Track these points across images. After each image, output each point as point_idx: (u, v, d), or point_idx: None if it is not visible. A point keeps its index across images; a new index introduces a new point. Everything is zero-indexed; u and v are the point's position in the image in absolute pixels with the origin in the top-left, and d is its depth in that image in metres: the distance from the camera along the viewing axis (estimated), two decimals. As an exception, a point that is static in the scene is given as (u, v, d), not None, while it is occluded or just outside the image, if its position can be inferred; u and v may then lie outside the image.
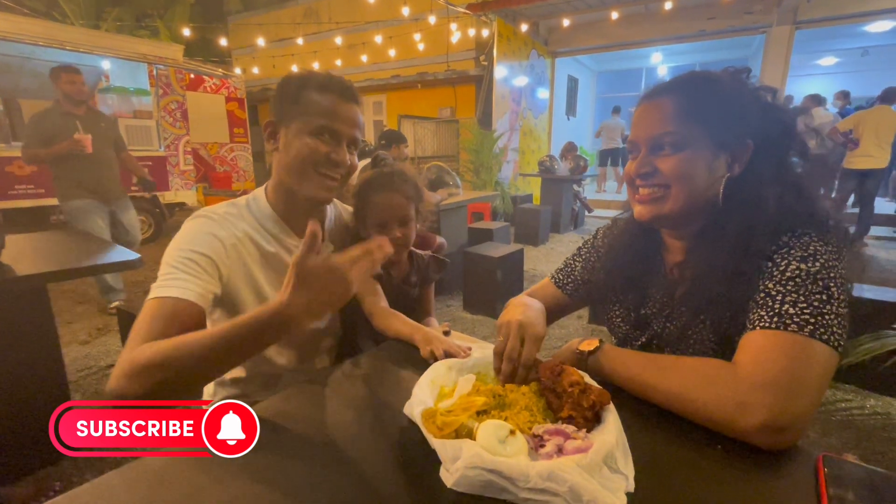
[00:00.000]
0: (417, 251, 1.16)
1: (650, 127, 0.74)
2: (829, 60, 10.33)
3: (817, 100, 5.72)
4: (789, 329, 0.59)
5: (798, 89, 8.86)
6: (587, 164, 6.63)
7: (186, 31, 7.07)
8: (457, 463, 0.47)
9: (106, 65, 6.06)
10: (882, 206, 6.45)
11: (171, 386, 0.64)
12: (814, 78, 10.71)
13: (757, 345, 0.61)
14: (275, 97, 0.91)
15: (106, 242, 1.94)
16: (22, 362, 1.54)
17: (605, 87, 12.79)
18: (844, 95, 6.35)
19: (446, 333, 0.93)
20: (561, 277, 0.99)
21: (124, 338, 2.13)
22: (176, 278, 0.76)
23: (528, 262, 4.27)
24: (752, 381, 0.58)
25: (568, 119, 10.40)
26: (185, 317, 0.74)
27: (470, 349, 0.84)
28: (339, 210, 1.13)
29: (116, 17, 10.04)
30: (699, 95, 0.72)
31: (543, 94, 8.78)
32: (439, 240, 2.30)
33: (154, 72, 5.44)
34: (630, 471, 0.50)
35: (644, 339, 0.84)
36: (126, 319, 2.02)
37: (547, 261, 4.86)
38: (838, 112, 6.07)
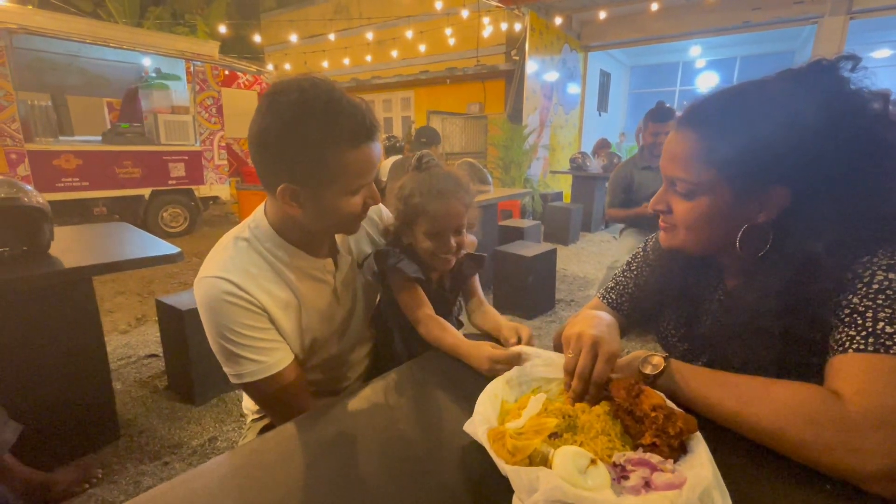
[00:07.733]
0: None
1: (669, 163, 0.68)
2: (883, 52, 9.69)
3: None
4: (892, 352, 0.52)
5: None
6: (620, 161, 6.43)
7: (223, 29, 7.22)
8: (534, 496, 0.42)
9: (146, 61, 6.26)
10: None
11: None
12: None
13: (857, 372, 0.53)
14: (281, 152, 0.72)
15: (146, 235, 1.97)
16: (67, 352, 1.58)
17: (638, 82, 12.41)
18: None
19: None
20: (614, 297, 0.89)
21: (163, 328, 2.17)
22: (260, 356, 0.79)
23: (559, 261, 4.16)
24: (863, 420, 0.50)
25: (599, 115, 10.14)
26: (298, 373, 0.84)
27: (520, 355, 0.77)
28: None
29: (157, 15, 10.37)
30: (729, 135, 0.62)
31: (574, 89, 8.57)
32: (470, 237, 2.24)
33: (191, 68, 5.56)
34: (730, 513, 0.43)
35: (704, 360, 0.77)
36: (165, 310, 2.05)
37: (578, 260, 4.74)
38: None
